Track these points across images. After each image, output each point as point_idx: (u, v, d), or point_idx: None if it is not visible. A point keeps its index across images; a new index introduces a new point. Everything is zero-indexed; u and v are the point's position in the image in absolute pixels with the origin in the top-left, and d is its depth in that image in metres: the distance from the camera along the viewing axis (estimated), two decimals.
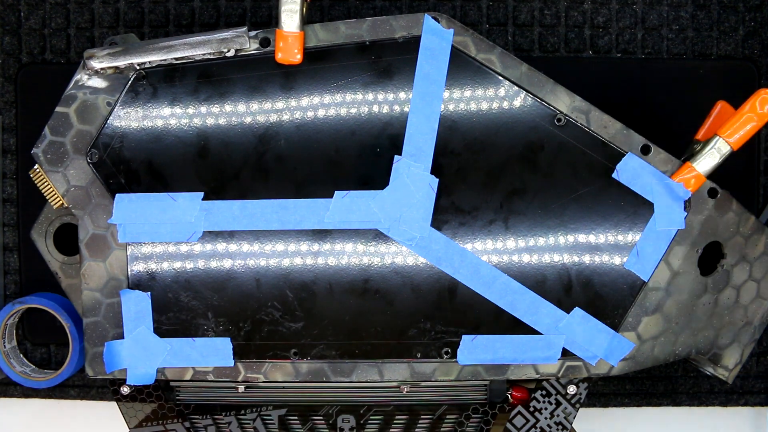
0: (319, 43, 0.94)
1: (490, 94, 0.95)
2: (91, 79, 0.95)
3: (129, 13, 1.16)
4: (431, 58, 0.94)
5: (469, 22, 1.14)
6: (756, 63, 1.15)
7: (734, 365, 1.01)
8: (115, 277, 0.95)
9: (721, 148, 0.92)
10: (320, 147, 0.95)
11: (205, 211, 0.94)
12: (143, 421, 1.01)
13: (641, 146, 0.95)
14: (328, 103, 0.94)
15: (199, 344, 0.95)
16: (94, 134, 0.95)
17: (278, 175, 0.95)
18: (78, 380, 1.18)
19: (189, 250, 0.95)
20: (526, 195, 0.95)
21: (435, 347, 0.96)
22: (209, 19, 1.15)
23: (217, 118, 0.95)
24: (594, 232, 0.95)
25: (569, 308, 0.95)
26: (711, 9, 1.15)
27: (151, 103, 0.95)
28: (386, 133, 0.94)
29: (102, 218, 0.95)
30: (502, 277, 0.95)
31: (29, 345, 1.18)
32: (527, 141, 0.95)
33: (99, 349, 0.96)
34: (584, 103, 0.95)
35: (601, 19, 1.15)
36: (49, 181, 0.96)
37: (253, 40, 0.94)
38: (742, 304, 0.99)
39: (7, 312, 1.12)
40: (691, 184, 0.94)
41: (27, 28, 1.16)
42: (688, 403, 1.18)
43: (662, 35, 1.15)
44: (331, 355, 0.96)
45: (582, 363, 0.96)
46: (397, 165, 0.93)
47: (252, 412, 1.01)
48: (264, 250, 0.95)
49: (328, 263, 0.95)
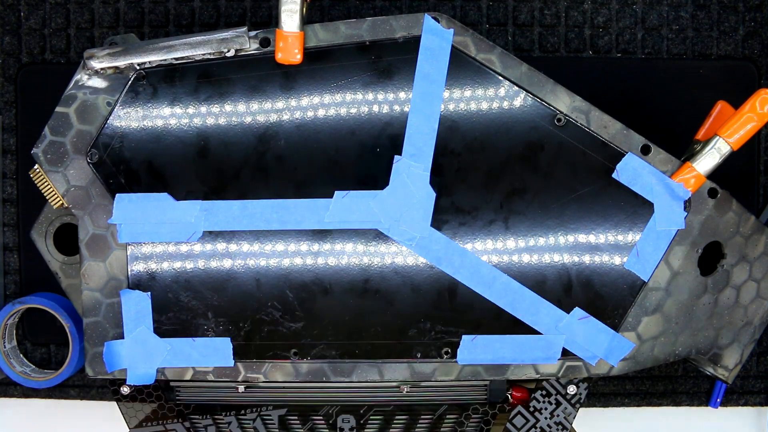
0: (319, 43, 0.94)
1: (490, 94, 0.95)
2: (91, 79, 0.95)
3: (129, 13, 1.16)
4: (431, 58, 0.94)
5: (469, 22, 1.14)
6: (756, 63, 1.15)
7: (734, 365, 1.01)
8: (115, 277, 0.96)
9: (721, 148, 0.92)
10: (320, 147, 0.95)
11: (205, 211, 0.94)
12: (143, 421, 1.01)
13: (641, 146, 0.95)
14: (328, 103, 0.94)
15: (199, 344, 0.95)
16: (94, 134, 0.95)
17: (278, 175, 0.95)
18: (78, 380, 1.18)
19: (189, 250, 0.95)
20: (526, 195, 0.95)
21: (435, 347, 0.96)
22: (209, 19, 1.15)
23: (217, 118, 0.95)
24: (594, 232, 0.96)
25: (569, 308, 0.95)
26: (711, 9, 1.15)
27: (151, 103, 0.95)
28: (386, 133, 0.94)
29: (102, 218, 0.95)
30: (502, 277, 0.95)
31: (29, 345, 1.18)
32: (527, 141, 0.95)
33: (99, 349, 0.96)
34: (584, 103, 0.95)
35: (601, 19, 1.15)
36: (49, 181, 0.96)
37: (253, 40, 0.94)
38: (742, 304, 0.99)
39: (7, 312, 1.12)
40: (691, 184, 0.94)
41: (27, 28, 1.16)
42: (688, 403, 1.18)
43: (662, 35, 1.15)
44: (331, 355, 0.96)
45: (582, 363, 0.96)
46: (397, 165, 0.93)
47: (252, 412, 1.01)
48: (264, 250, 0.95)
49: (328, 263, 0.95)
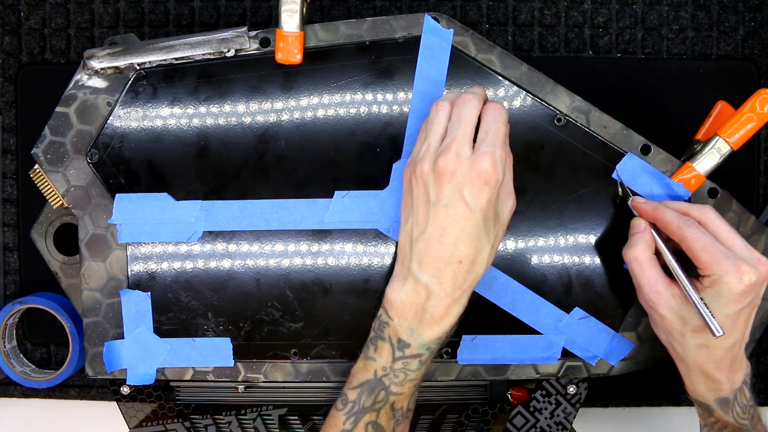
0: (319, 43, 0.94)
1: (490, 94, 0.94)
2: (91, 79, 0.95)
3: (129, 13, 1.16)
4: (431, 58, 0.94)
5: (469, 22, 1.14)
6: (756, 63, 1.15)
7: None
8: (115, 277, 0.95)
9: (721, 148, 0.92)
10: (320, 147, 0.95)
11: (205, 211, 0.94)
12: (143, 421, 1.01)
13: (641, 146, 0.95)
14: (328, 103, 0.94)
15: (199, 344, 0.95)
16: (94, 134, 0.95)
17: (278, 175, 0.95)
18: (78, 380, 1.18)
19: (189, 250, 0.95)
20: (526, 195, 0.95)
21: None
22: (209, 19, 1.15)
23: (217, 118, 0.95)
24: (594, 232, 0.96)
25: (569, 308, 0.95)
26: (711, 9, 1.15)
27: (151, 103, 0.95)
28: (386, 133, 0.94)
29: (102, 218, 0.95)
30: (502, 277, 0.95)
31: (29, 345, 1.18)
32: (527, 141, 0.95)
33: (99, 349, 0.96)
34: (584, 103, 0.95)
35: (601, 19, 1.15)
36: (49, 181, 0.96)
37: (253, 40, 0.94)
38: None
39: (7, 312, 1.12)
40: (691, 184, 0.94)
41: (27, 28, 1.16)
42: (688, 403, 1.17)
43: (662, 35, 1.15)
44: (331, 355, 0.96)
45: (582, 363, 0.96)
46: (397, 165, 0.93)
47: (252, 412, 1.01)
48: (264, 250, 0.95)
49: (328, 263, 0.95)
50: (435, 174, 0.78)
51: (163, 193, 0.95)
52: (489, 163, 0.77)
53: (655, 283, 0.85)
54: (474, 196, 0.78)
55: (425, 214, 0.80)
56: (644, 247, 0.87)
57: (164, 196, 0.95)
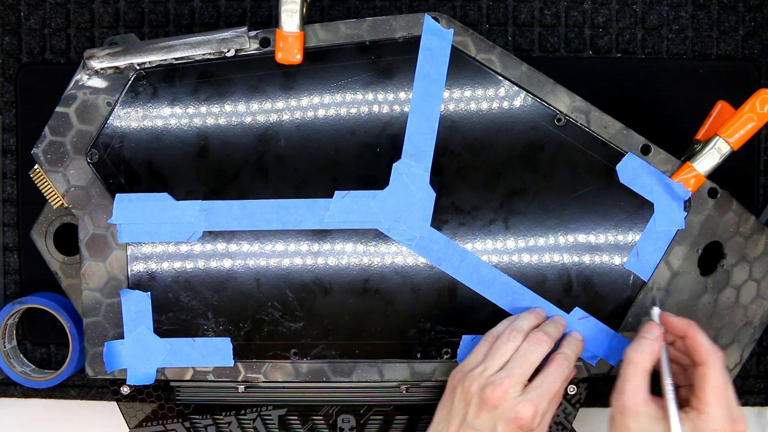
0: (319, 43, 0.94)
1: (490, 94, 0.95)
2: (91, 79, 0.95)
3: (129, 13, 1.16)
4: (431, 58, 0.94)
5: (469, 22, 1.14)
6: (756, 63, 1.15)
7: (734, 365, 1.01)
8: (115, 277, 0.96)
9: (721, 148, 0.92)
10: (320, 147, 0.95)
11: (205, 211, 0.94)
12: (143, 421, 1.01)
13: (641, 146, 0.95)
14: (328, 103, 0.94)
15: (199, 344, 0.95)
16: (94, 134, 0.95)
17: (278, 175, 0.95)
18: (78, 380, 1.17)
19: (189, 250, 0.95)
20: (526, 195, 0.95)
21: (435, 347, 0.96)
22: (209, 19, 1.15)
23: (217, 118, 0.95)
24: (594, 232, 0.96)
25: (569, 308, 0.95)
26: (711, 9, 1.15)
27: (151, 103, 0.95)
28: (386, 133, 0.94)
29: (102, 218, 0.95)
30: (502, 277, 0.95)
31: (29, 345, 1.18)
32: (527, 141, 0.95)
33: (99, 349, 0.96)
34: (584, 103, 0.95)
35: (601, 19, 1.15)
36: (49, 181, 0.96)
37: (253, 40, 0.94)
38: (742, 304, 0.99)
39: (7, 312, 1.12)
40: (691, 184, 0.94)
41: (27, 28, 1.16)
42: None
43: (662, 35, 1.15)
44: (331, 355, 0.96)
45: (582, 363, 0.96)
46: (397, 165, 0.93)
47: (252, 412, 1.01)
48: (264, 250, 0.95)
49: (328, 263, 0.95)
50: (480, 398, 0.82)
51: (163, 193, 0.95)
52: (530, 413, 0.80)
53: (638, 393, 0.83)
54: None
55: (457, 429, 0.84)
56: (648, 357, 0.85)
57: (164, 196, 0.95)
